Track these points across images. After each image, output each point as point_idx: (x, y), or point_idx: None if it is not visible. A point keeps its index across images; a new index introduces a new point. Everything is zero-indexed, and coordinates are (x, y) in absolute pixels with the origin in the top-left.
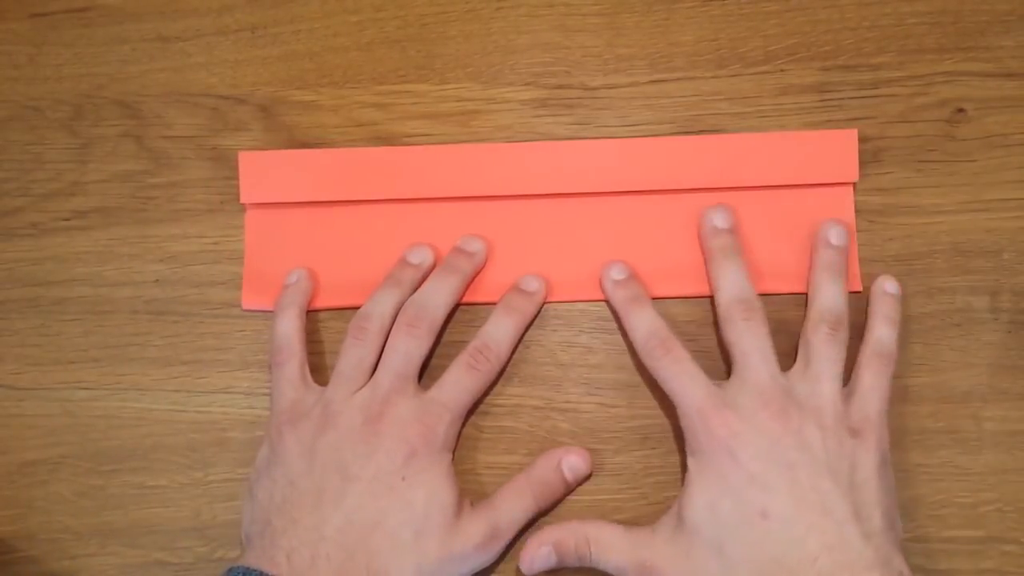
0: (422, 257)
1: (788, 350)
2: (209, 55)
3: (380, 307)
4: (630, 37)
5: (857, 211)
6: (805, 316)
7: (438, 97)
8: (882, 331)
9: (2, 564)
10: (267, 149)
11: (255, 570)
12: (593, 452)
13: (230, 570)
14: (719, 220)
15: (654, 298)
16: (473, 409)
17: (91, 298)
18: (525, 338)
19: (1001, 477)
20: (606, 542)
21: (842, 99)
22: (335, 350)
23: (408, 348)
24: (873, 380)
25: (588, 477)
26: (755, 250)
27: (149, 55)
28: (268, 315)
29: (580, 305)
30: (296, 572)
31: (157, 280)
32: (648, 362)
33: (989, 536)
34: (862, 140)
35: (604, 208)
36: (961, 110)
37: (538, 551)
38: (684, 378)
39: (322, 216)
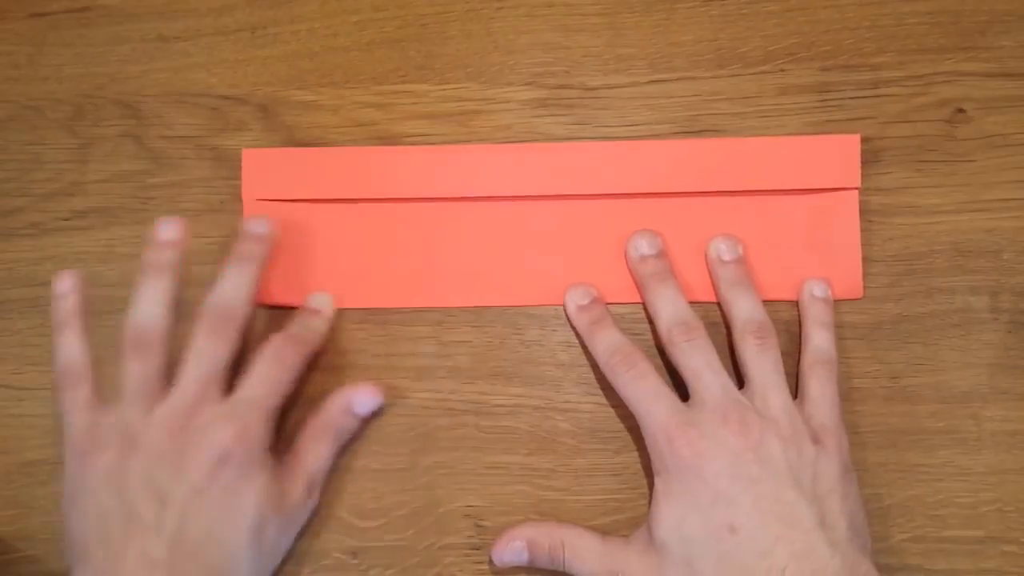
0: (172, 233)
1: (791, 349)
2: (209, 55)
3: (152, 311)
4: (630, 37)
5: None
6: (730, 336)
7: (438, 97)
8: (818, 337)
9: (2, 564)
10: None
11: None
12: (593, 452)
13: None
14: (645, 247)
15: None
16: (464, 404)
17: (90, 298)
18: (525, 338)
19: (1001, 477)
20: (580, 549)
21: (842, 99)
22: (338, 350)
23: (215, 352)
24: (820, 387)
25: (380, 408)
26: (758, 257)
27: (149, 55)
28: (268, 314)
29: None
30: None
31: None
32: (612, 379)
33: (989, 536)
34: (863, 140)
35: (604, 211)
36: (961, 110)
37: (510, 545)
38: (646, 395)
39: (324, 214)
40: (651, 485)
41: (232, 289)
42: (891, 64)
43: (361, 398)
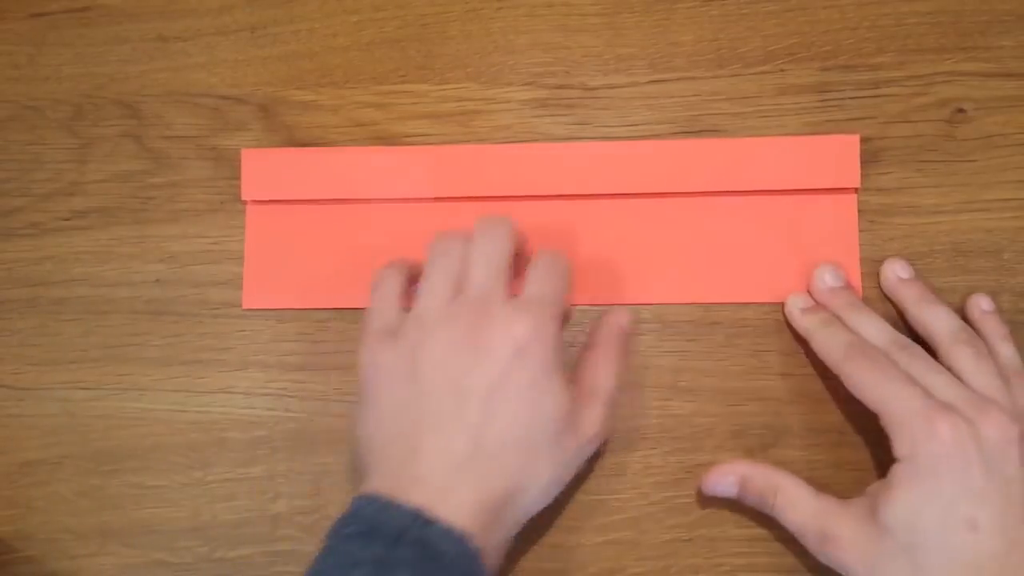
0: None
1: (791, 349)
2: (209, 55)
3: (458, 226)
4: (630, 37)
5: (857, 211)
6: (938, 350)
7: (438, 97)
8: (1003, 350)
9: (2, 564)
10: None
11: (383, 497)
12: (593, 452)
13: (356, 499)
14: (830, 279)
15: (652, 304)
16: None
17: (90, 298)
18: None
19: None
20: (793, 498)
21: (842, 99)
22: (339, 350)
23: (497, 250)
24: None
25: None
26: (756, 257)
27: (149, 55)
28: (268, 315)
29: (580, 305)
30: (429, 496)
31: (157, 280)
32: (851, 372)
33: None
34: (863, 140)
35: (606, 211)
36: (961, 110)
37: (724, 478)
38: (898, 383)
39: (324, 214)
40: (658, 474)
41: (488, 218)
42: (891, 64)
43: (617, 317)
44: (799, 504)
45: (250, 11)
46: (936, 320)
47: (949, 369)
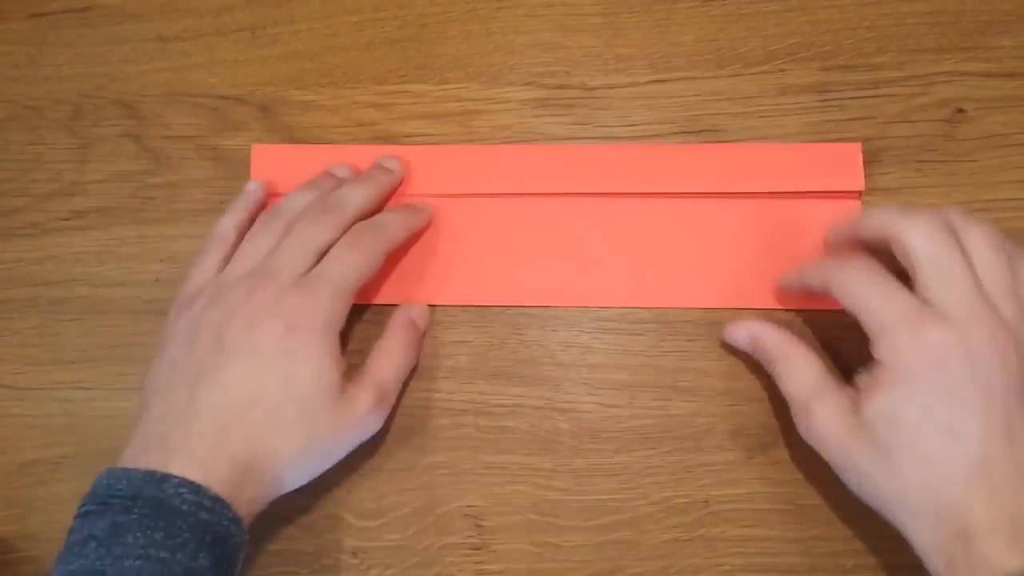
0: (344, 172)
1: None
2: (209, 55)
3: (294, 203)
4: (630, 37)
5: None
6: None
7: (438, 97)
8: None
9: (2, 564)
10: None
11: (118, 468)
12: (593, 452)
13: (96, 477)
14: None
15: (657, 307)
16: (464, 405)
17: (91, 298)
18: (525, 338)
19: None
20: (797, 368)
21: (842, 99)
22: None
23: (311, 234)
24: None
25: (429, 324)
26: (761, 264)
27: (149, 55)
28: None
29: (582, 307)
30: (168, 454)
31: (157, 280)
32: (838, 279)
33: None
34: (863, 140)
35: (607, 212)
36: (961, 110)
37: (740, 333)
38: (882, 286)
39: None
40: (661, 474)
41: (347, 192)
42: (891, 64)
43: (414, 312)
44: (798, 375)
45: (250, 11)
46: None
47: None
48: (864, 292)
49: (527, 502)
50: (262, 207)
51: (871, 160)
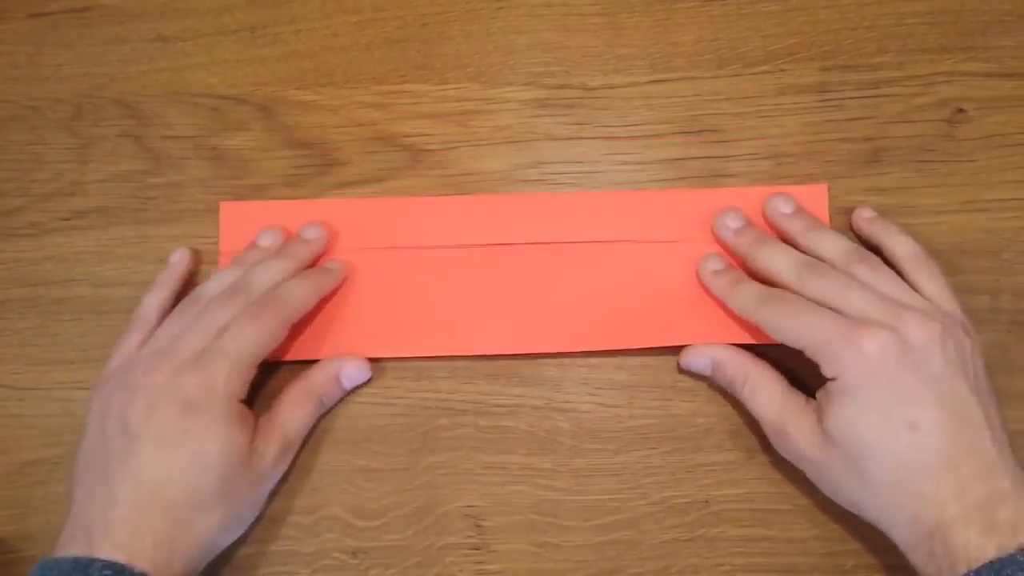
0: (269, 241)
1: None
2: (209, 55)
3: (212, 287)
4: (630, 37)
5: None
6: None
7: (438, 97)
8: (901, 244)
9: (2, 564)
10: (267, 149)
11: (49, 559)
12: (593, 452)
13: (31, 569)
14: (733, 221)
15: (635, 349)
16: (464, 404)
17: (91, 298)
18: None
19: None
20: (762, 390)
21: (842, 99)
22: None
23: (214, 314)
24: (934, 285)
25: (367, 382)
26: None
27: (149, 55)
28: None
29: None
30: (92, 543)
31: None
32: (767, 319)
33: None
34: (862, 140)
35: (578, 258)
36: (961, 110)
37: (699, 357)
38: (810, 315)
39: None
40: (661, 474)
41: (258, 272)
42: (891, 64)
43: (350, 370)
44: (765, 396)
45: (250, 11)
46: (826, 246)
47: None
48: (792, 325)
49: (527, 502)
50: (186, 278)
51: (871, 160)
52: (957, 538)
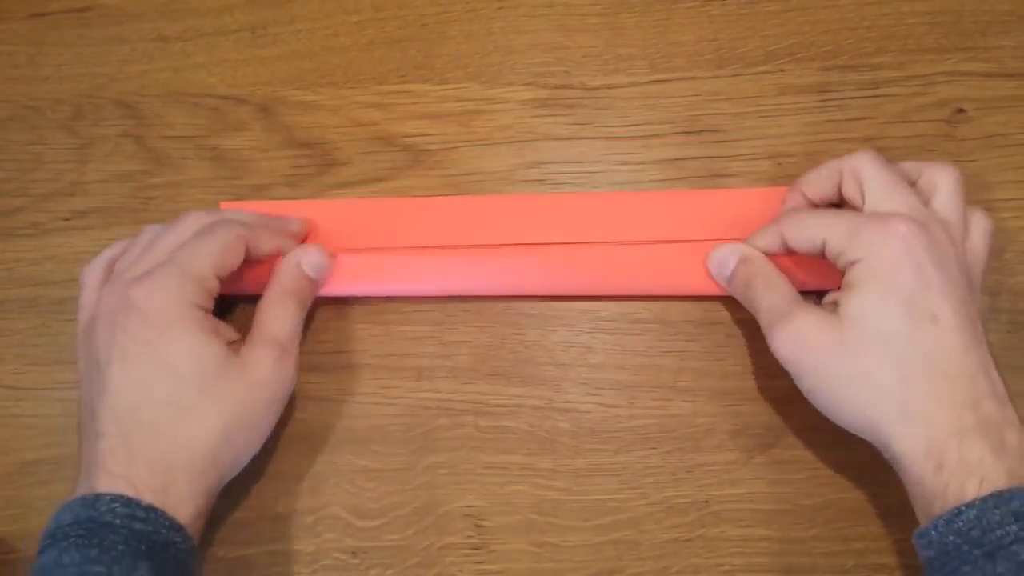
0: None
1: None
2: (209, 55)
3: (186, 227)
4: (630, 37)
5: None
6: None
7: (438, 97)
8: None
9: (2, 564)
10: (267, 149)
11: (63, 505)
12: (593, 452)
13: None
14: (730, 260)
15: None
16: (464, 404)
17: None
18: (525, 338)
19: None
20: (775, 284)
21: (842, 99)
22: (340, 350)
23: (167, 240)
24: (949, 184)
25: (327, 267)
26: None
27: (149, 55)
28: None
29: (580, 305)
30: (91, 479)
31: None
32: (785, 228)
33: None
34: (862, 140)
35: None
36: (961, 110)
37: (729, 258)
38: (831, 214)
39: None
40: (660, 474)
41: (215, 213)
42: (891, 64)
43: (309, 258)
44: (776, 290)
45: (250, 11)
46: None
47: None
48: (823, 223)
49: (527, 502)
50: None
51: None
52: (972, 450)
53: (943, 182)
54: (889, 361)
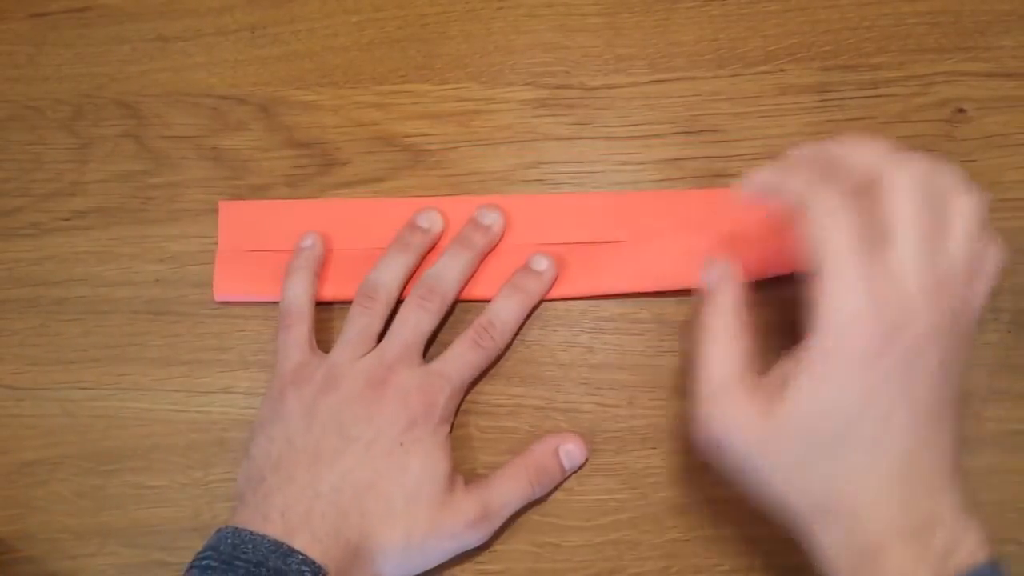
0: (431, 222)
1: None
2: (209, 55)
3: (388, 276)
4: (630, 37)
5: None
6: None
7: (438, 97)
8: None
9: (2, 564)
10: (267, 149)
11: (245, 530)
12: (593, 452)
13: (219, 531)
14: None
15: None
16: (464, 404)
17: (91, 298)
18: (525, 338)
19: (1001, 477)
20: (718, 350)
21: (842, 99)
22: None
23: (418, 320)
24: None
25: (584, 465)
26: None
27: (149, 55)
28: (268, 314)
29: (580, 305)
30: (290, 529)
31: (157, 280)
32: (805, 196)
33: (989, 536)
34: None
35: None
36: (961, 110)
37: (717, 266)
38: (845, 227)
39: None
40: (660, 475)
41: (447, 269)
42: (891, 64)
43: (568, 447)
44: (718, 359)
45: (250, 11)
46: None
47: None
48: (826, 230)
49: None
50: (322, 260)
51: None
52: (891, 562)
53: (959, 220)
54: (822, 461)
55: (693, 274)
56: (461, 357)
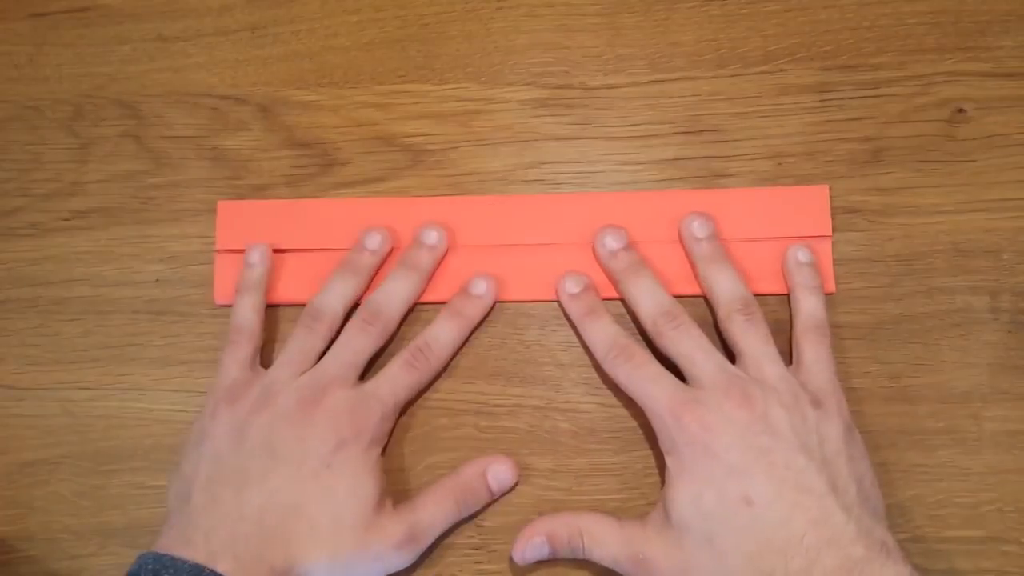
0: (378, 243)
1: (789, 350)
2: (209, 55)
3: (333, 299)
4: (630, 37)
5: (857, 211)
6: (715, 315)
7: (438, 97)
8: (807, 302)
9: (2, 564)
10: (267, 149)
11: (166, 555)
12: (593, 452)
13: (141, 556)
14: (612, 242)
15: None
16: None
17: (91, 298)
18: (525, 338)
19: (1001, 477)
20: (599, 535)
21: (842, 99)
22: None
23: (359, 343)
24: (815, 351)
25: (513, 488)
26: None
27: (149, 55)
28: (268, 314)
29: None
30: (213, 552)
31: (157, 280)
32: (611, 371)
33: (989, 536)
34: (863, 140)
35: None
36: (961, 110)
37: (531, 541)
38: (648, 382)
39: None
40: (661, 474)
41: (391, 292)
42: (891, 64)
43: (497, 469)
44: (605, 539)
45: (250, 11)
46: (717, 282)
47: (728, 332)
48: (634, 388)
49: (527, 502)
50: (270, 275)
51: (871, 160)
52: None
53: (808, 351)
54: (723, 553)
55: (692, 277)
56: (395, 379)
